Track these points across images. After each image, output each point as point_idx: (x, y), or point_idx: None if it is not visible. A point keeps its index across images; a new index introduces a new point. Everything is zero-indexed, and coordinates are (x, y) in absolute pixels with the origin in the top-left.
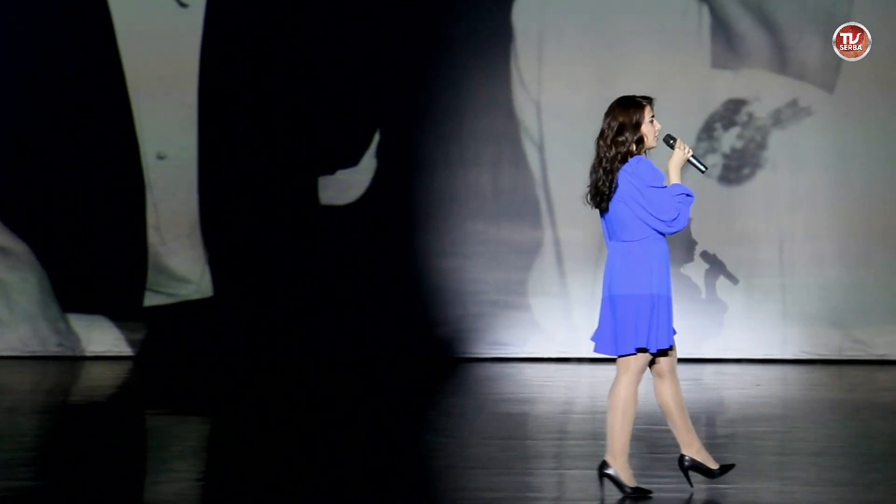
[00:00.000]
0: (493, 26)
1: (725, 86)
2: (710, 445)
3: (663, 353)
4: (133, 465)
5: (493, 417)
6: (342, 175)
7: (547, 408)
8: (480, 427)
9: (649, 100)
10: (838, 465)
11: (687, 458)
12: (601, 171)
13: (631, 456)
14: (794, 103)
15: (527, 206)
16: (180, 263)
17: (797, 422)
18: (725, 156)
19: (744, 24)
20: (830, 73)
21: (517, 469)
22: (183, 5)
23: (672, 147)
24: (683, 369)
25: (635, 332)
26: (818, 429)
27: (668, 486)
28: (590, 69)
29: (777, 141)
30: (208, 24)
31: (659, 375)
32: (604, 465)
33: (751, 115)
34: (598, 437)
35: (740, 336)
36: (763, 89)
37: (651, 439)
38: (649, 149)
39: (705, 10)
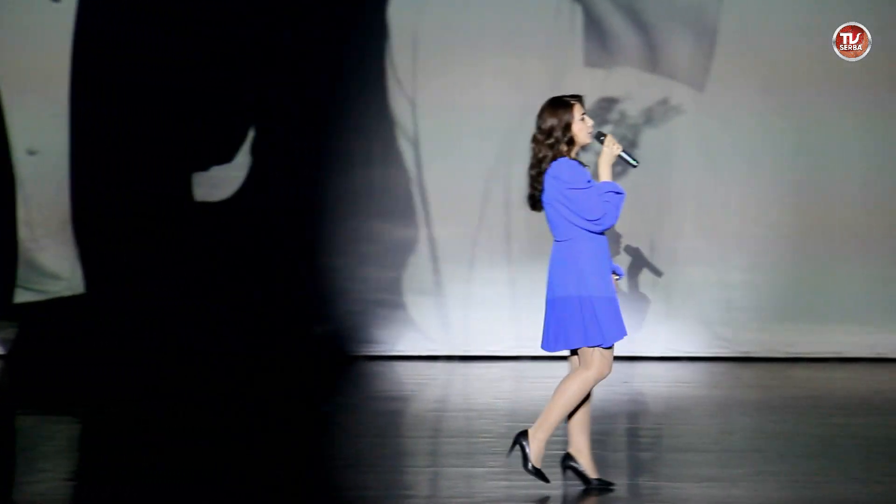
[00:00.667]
0: (367, 24)
1: (598, 84)
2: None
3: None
4: (2, 465)
5: (367, 416)
6: (216, 172)
7: (420, 406)
8: (353, 425)
9: (578, 98)
10: (704, 461)
11: (571, 459)
12: (533, 173)
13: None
14: (665, 102)
15: (401, 204)
16: (51, 260)
17: (664, 418)
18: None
19: (616, 23)
20: (700, 71)
21: (388, 467)
22: (55, 0)
23: (602, 143)
24: (542, 365)
25: (582, 330)
26: (684, 425)
27: (526, 483)
28: (465, 67)
29: (648, 139)
30: (80, 19)
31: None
32: (523, 434)
33: (623, 114)
34: (471, 434)
35: None
36: (635, 88)
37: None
38: (583, 146)
39: (578, 9)
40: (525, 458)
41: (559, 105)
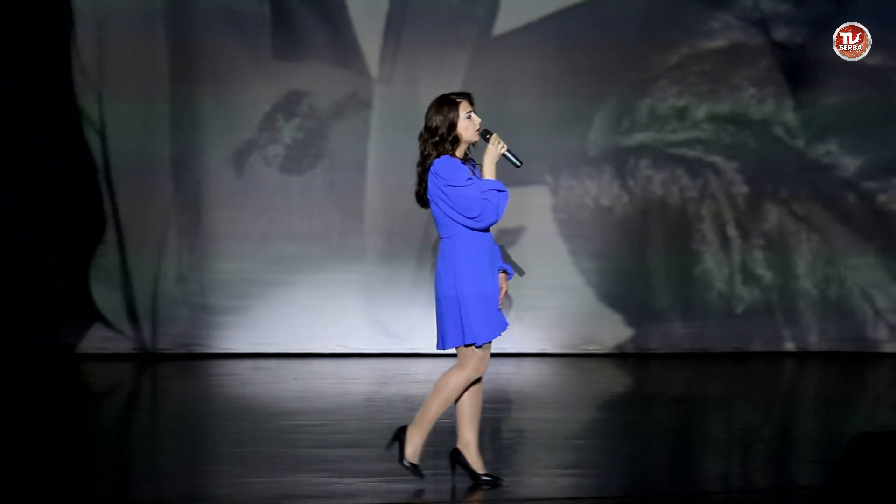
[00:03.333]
0: (51, 11)
1: (287, 77)
2: (257, 440)
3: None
4: None
5: (48, 417)
6: None
7: (109, 406)
8: (52, 427)
9: (466, 95)
10: (372, 457)
11: (460, 455)
12: (419, 171)
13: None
14: (353, 95)
15: (89, 195)
16: None
17: (330, 414)
18: (287, 147)
19: (305, 16)
20: (388, 66)
21: (74, 469)
22: None
23: (487, 141)
24: (227, 363)
25: (458, 328)
26: (352, 421)
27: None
28: (154, 55)
29: (337, 132)
30: None
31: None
32: (402, 429)
33: (312, 107)
34: (155, 434)
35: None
36: (324, 81)
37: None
38: (470, 143)
39: (266, 2)
40: (401, 453)
41: (445, 103)
